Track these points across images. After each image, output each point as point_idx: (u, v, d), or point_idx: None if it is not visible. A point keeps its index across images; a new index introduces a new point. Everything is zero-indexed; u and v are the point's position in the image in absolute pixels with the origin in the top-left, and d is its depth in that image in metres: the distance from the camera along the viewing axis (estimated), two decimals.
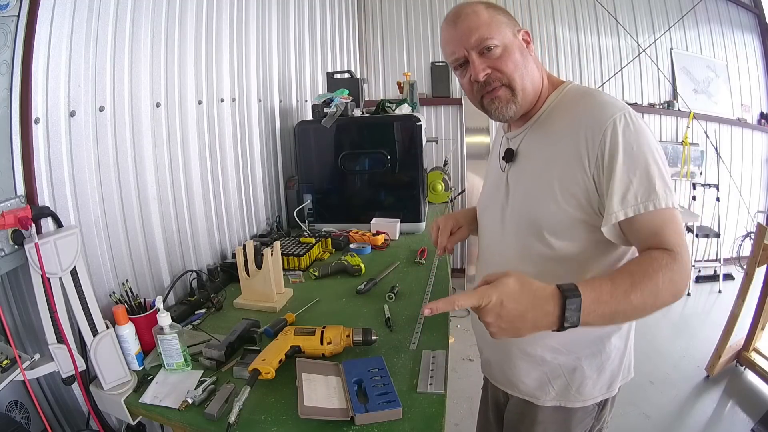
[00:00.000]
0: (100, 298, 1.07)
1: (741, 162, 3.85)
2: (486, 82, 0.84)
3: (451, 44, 0.85)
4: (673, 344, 2.76)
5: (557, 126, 0.85)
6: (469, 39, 0.82)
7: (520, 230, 0.89)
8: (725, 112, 3.78)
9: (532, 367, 0.93)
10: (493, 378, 1.06)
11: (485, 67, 0.83)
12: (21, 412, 0.97)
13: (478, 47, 0.82)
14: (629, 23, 3.61)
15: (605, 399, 0.94)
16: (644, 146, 0.74)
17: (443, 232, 1.11)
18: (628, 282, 0.67)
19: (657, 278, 0.67)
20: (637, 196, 0.73)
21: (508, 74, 0.83)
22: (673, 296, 0.69)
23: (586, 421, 0.94)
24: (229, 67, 1.74)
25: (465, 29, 0.82)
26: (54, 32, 0.97)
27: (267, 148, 2.09)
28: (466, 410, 2.11)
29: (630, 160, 0.73)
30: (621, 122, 0.74)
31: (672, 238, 0.72)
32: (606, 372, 0.91)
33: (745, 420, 2.10)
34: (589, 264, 0.83)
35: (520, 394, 0.97)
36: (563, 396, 0.92)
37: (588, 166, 0.77)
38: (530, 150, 0.90)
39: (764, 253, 2.20)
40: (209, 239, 1.62)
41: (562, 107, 0.86)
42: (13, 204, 0.90)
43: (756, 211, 3.89)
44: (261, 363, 0.95)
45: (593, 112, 0.78)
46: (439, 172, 2.65)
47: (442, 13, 3.60)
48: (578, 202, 0.80)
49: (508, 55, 0.83)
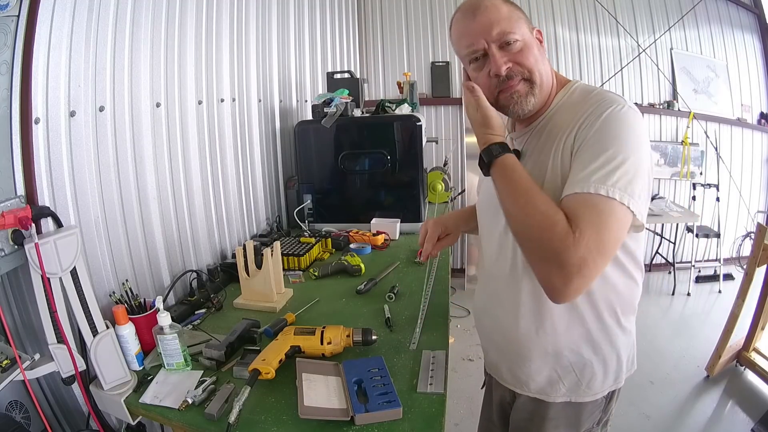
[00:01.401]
0: (100, 298, 1.07)
1: (741, 162, 3.85)
2: (508, 76, 0.82)
3: (469, 37, 0.83)
4: (673, 344, 2.76)
5: (562, 123, 0.84)
6: (490, 32, 0.80)
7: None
8: (725, 112, 3.78)
9: (544, 365, 0.93)
10: (500, 378, 1.05)
11: (506, 61, 0.81)
12: (21, 412, 0.97)
13: (499, 41, 0.80)
14: (629, 23, 3.61)
15: (612, 391, 0.95)
16: (628, 139, 0.72)
17: (430, 239, 1.11)
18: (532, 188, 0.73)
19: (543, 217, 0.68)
20: (591, 177, 0.69)
21: (529, 68, 0.82)
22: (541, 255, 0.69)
23: (596, 413, 0.96)
24: (229, 67, 1.74)
25: (485, 22, 0.80)
26: (54, 32, 0.97)
27: (267, 148, 2.09)
28: (466, 410, 2.11)
29: (606, 143, 0.71)
30: (613, 111, 0.74)
31: (582, 221, 0.67)
32: (614, 366, 0.92)
33: (745, 420, 2.10)
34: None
35: (530, 392, 0.96)
36: (574, 392, 0.93)
37: (574, 150, 0.76)
38: (535, 149, 0.89)
39: (764, 253, 2.20)
40: (209, 239, 1.62)
41: (568, 106, 0.86)
42: (13, 204, 0.90)
43: (756, 211, 3.89)
44: (261, 363, 0.95)
45: (591, 105, 0.78)
46: (439, 172, 2.65)
47: (442, 13, 3.61)
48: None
49: (529, 50, 0.82)
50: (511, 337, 0.92)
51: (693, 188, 3.75)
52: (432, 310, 1.29)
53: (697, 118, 3.69)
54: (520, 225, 0.74)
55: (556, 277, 0.68)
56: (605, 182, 0.68)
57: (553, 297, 0.70)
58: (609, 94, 0.81)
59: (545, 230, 0.68)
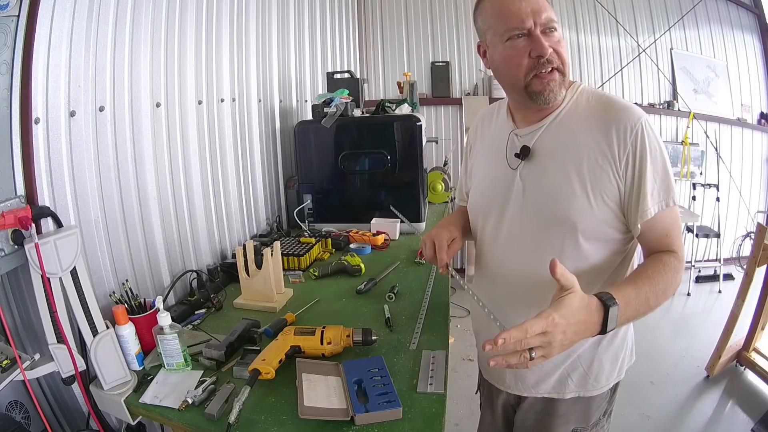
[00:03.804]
0: (100, 298, 1.07)
1: (741, 162, 3.85)
2: (548, 60, 0.82)
3: (518, 14, 0.81)
4: (673, 344, 2.76)
5: (580, 125, 0.85)
6: (540, 14, 0.80)
7: (548, 229, 0.88)
8: (725, 112, 3.78)
9: (554, 367, 0.94)
10: (503, 385, 1.03)
11: (549, 45, 0.81)
12: (21, 412, 0.97)
13: (545, 25, 0.81)
14: (629, 23, 3.61)
15: (617, 382, 0.99)
16: (662, 149, 0.82)
17: (441, 248, 1.00)
18: (648, 286, 0.75)
19: (669, 281, 0.78)
20: (660, 193, 0.81)
21: (564, 59, 0.84)
22: (676, 292, 0.80)
23: (603, 405, 0.99)
24: (229, 67, 1.74)
25: (535, 3, 0.81)
26: (54, 32, 0.97)
27: (267, 148, 2.09)
28: (466, 410, 2.11)
29: (655, 162, 0.80)
30: (646, 126, 0.81)
31: (677, 240, 0.84)
32: (617, 357, 0.96)
33: (745, 420, 2.10)
34: (605, 263, 0.88)
35: (539, 393, 0.97)
36: (582, 386, 0.95)
37: (618, 165, 0.81)
38: (551, 147, 0.88)
39: (764, 253, 2.20)
40: (209, 239, 1.62)
41: (579, 107, 0.87)
42: (13, 204, 0.90)
43: (756, 211, 3.89)
44: (261, 363, 0.95)
45: (620, 115, 0.82)
46: (439, 172, 2.65)
47: (442, 13, 3.61)
48: (607, 203, 0.83)
49: (563, 42, 0.84)
50: None
51: (693, 188, 3.75)
52: (432, 310, 1.29)
53: (697, 118, 3.69)
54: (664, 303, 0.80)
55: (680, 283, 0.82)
56: (668, 195, 0.82)
57: None
58: (624, 103, 0.85)
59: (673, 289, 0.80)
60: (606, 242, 0.87)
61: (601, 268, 0.88)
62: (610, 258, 0.88)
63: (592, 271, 0.87)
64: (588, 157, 0.83)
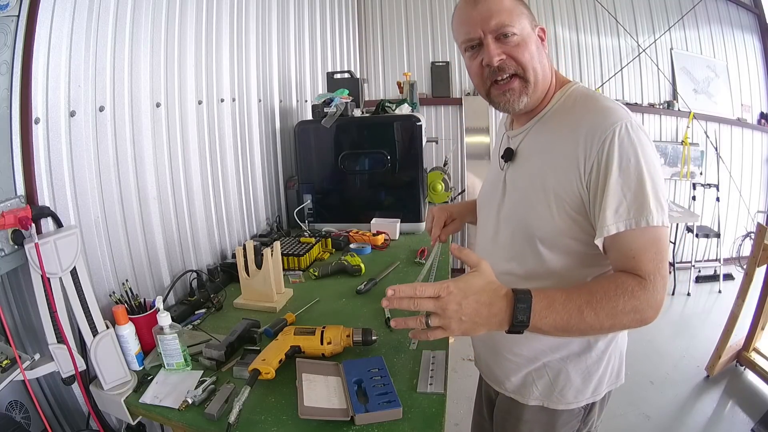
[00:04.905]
0: (100, 298, 1.07)
1: (741, 162, 3.85)
2: (499, 68, 0.81)
3: (467, 25, 0.82)
4: (673, 344, 2.75)
5: (557, 128, 0.83)
6: (488, 22, 0.79)
7: (514, 233, 0.89)
8: (725, 112, 3.78)
9: (517, 367, 0.93)
10: (484, 374, 1.08)
11: (500, 53, 0.80)
12: (21, 412, 0.97)
13: (495, 32, 0.79)
14: (629, 23, 3.61)
15: (591, 403, 0.93)
16: (641, 160, 0.72)
17: (437, 224, 1.15)
18: (584, 299, 0.68)
19: (617, 302, 0.68)
20: (629, 210, 0.71)
21: (523, 64, 0.80)
22: (638, 322, 0.70)
23: (572, 423, 0.94)
24: (229, 67, 1.74)
25: (485, 11, 0.79)
26: (54, 32, 0.97)
27: (267, 148, 2.09)
28: (466, 410, 2.10)
29: (626, 174, 0.71)
30: (621, 131, 0.72)
31: (648, 265, 0.70)
32: (590, 376, 0.90)
33: (745, 420, 2.10)
34: (574, 277, 0.83)
35: (506, 391, 0.98)
36: (546, 397, 0.92)
37: (583, 174, 0.75)
38: (529, 151, 0.88)
39: (764, 253, 2.20)
40: (209, 239, 1.62)
41: (564, 109, 0.84)
42: (13, 204, 0.90)
43: (756, 211, 3.89)
44: (261, 363, 0.95)
45: (595, 118, 0.76)
46: (439, 172, 2.64)
47: (442, 13, 3.60)
48: (569, 213, 0.79)
49: (525, 46, 0.80)
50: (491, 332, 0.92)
51: (693, 188, 3.75)
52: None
53: (697, 118, 3.69)
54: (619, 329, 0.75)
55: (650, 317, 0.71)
56: (641, 214, 0.70)
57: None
58: (609, 103, 0.79)
59: (626, 315, 0.69)
60: (569, 254, 0.82)
61: (569, 281, 0.82)
62: (579, 271, 0.83)
63: (559, 283, 0.82)
64: (560, 162, 0.79)
